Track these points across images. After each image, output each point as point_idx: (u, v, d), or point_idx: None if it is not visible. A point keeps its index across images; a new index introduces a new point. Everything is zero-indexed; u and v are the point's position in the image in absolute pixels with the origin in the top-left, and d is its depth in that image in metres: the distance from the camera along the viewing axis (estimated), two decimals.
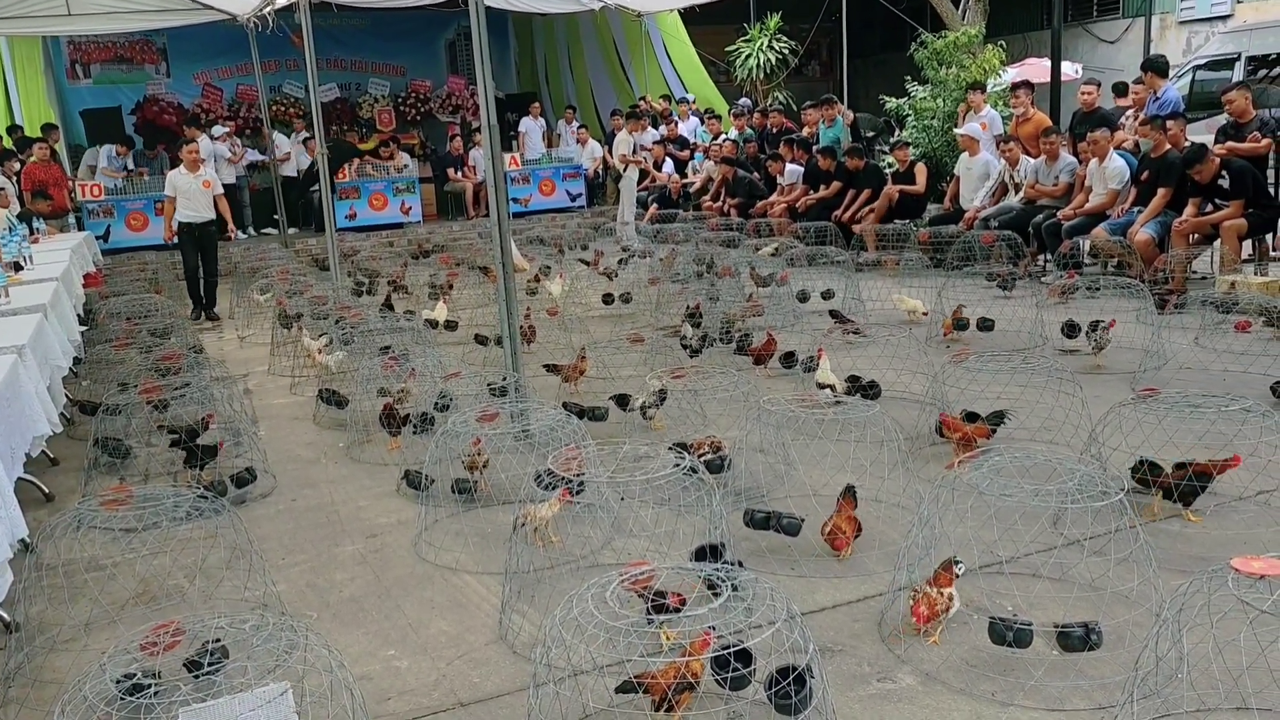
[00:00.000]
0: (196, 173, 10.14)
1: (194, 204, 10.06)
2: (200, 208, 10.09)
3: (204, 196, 10.08)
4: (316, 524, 4.78)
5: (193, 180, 10.07)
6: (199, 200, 10.08)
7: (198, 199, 10.08)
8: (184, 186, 10.03)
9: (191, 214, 10.05)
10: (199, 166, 10.26)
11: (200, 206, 10.09)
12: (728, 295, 8.81)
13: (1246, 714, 2.81)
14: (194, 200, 10.07)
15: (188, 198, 10.03)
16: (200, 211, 10.08)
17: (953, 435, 4.85)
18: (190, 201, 10.04)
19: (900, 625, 3.42)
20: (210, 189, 10.13)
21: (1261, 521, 4.11)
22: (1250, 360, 6.39)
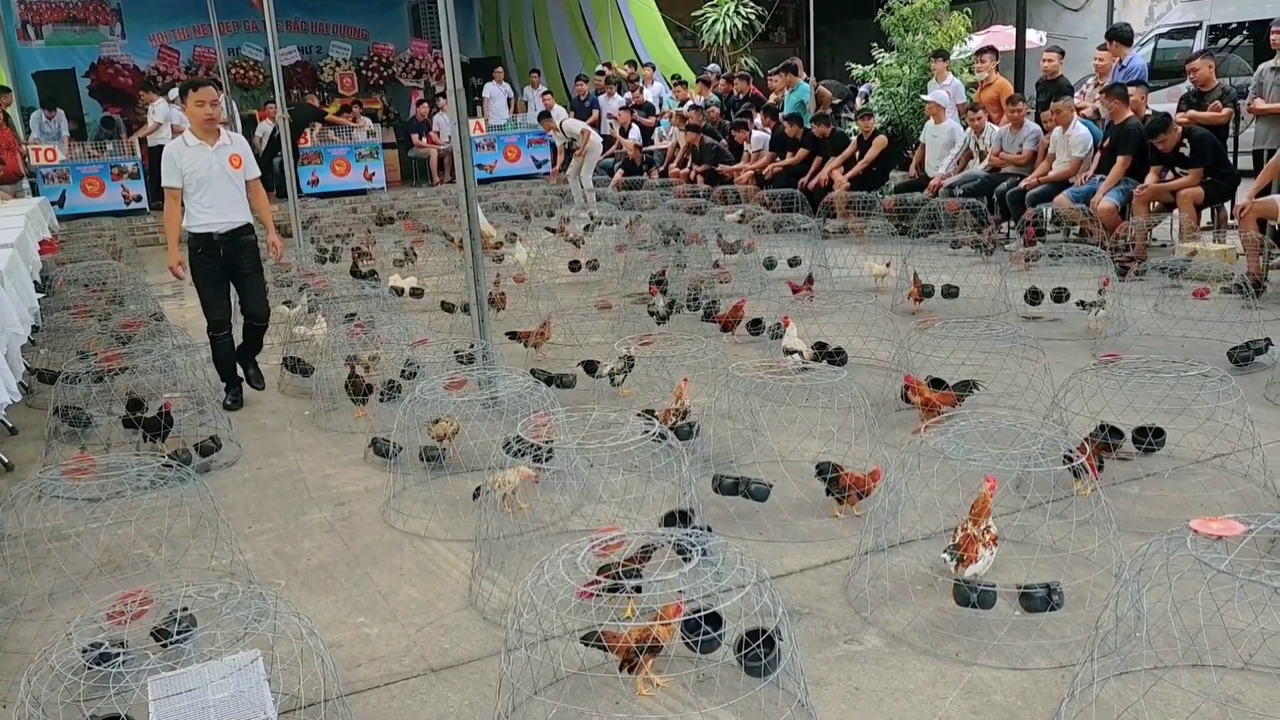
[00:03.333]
0: (216, 142, 5.80)
1: (215, 198, 5.81)
2: (226, 205, 5.85)
3: (230, 185, 5.86)
4: (283, 492, 4.75)
5: (211, 156, 5.78)
6: (223, 191, 5.84)
7: (221, 189, 5.82)
8: (196, 168, 5.77)
9: (212, 218, 5.82)
10: (218, 131, 5.88)
11: (226, 202, 5.85)
12: (695, 262, 8.81)
13: (1203, 671, 2.88)
14: (215, 191, 5.81)
15: (204, 188, 5.79)
16: (226, 213, 5.85)
17: (916, 400, 4.89)
18: (208, 195, 5.80)
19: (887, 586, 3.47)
20: (241, 169, 5.93)
21: (1218, 484, 4.20)
22: (1208, 327, 6.50)
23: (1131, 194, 8.92)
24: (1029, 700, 2.85)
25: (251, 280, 6.10)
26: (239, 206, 5.93)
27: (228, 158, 5.82)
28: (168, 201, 5.88)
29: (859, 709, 2.85)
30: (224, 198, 5.84)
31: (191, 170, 5.74)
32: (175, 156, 5.77)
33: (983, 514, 3.29)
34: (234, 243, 5.93)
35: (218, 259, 5.89)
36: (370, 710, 2.98)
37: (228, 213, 5.86)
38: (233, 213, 5.89)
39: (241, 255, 6.00)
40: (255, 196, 6.05)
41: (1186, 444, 4.49)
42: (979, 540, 3.26)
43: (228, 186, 5.84)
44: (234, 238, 5.92)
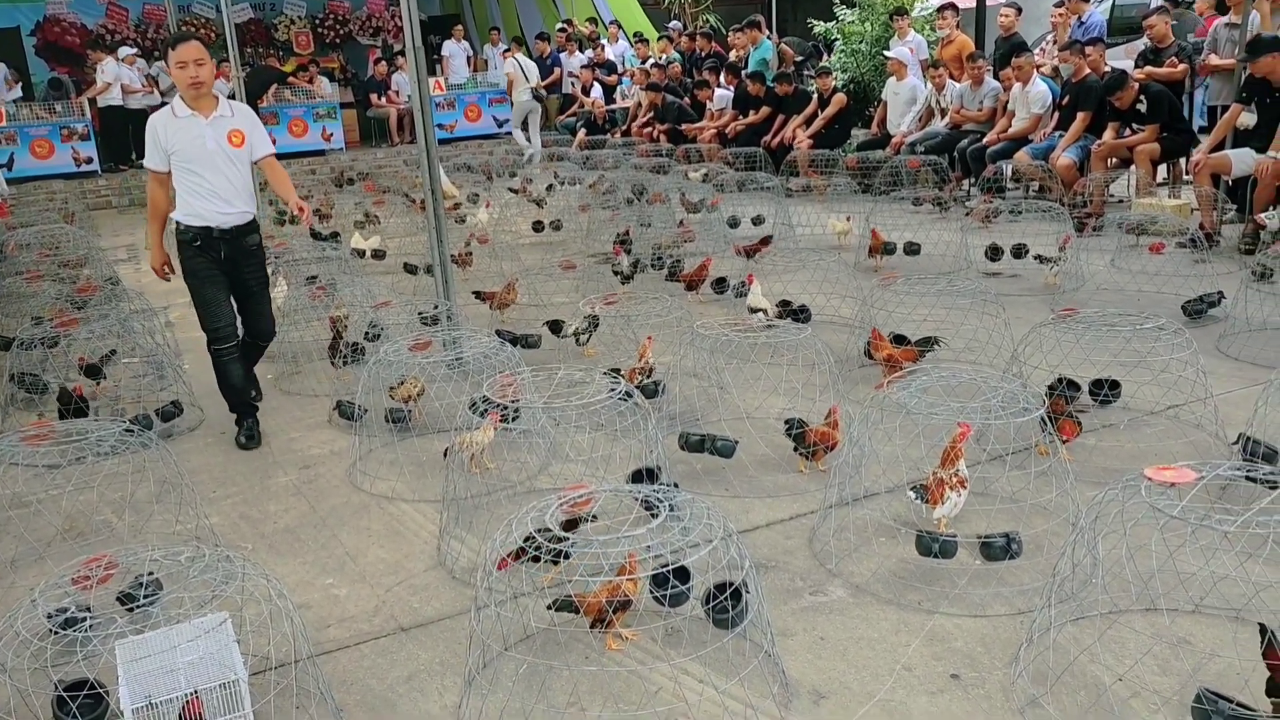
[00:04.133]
0: (211, 113, 4.57)
1: (211, 183, 4.59)
2: (226, 193, 4.63)
3: (231, 167, 4.62)
4: (247, 456, 4.72)
5: (204, 130, 4.55)
6: (221, 174, 4.60)
7: (218, 172, 4.59)
8: (186, 144, 4.55)
9: (209, 207, 4.60)
10: (215, 99, 4.62)
11: (225, 189, 4.62)
12: (658, 222, 8.80)
13: (1155, 614, 2.97)
14: (211, 175, 4.58)
15: (196, 171, 4.57)
16: (227, 202, 4.63)
17: (879, 355, 4.95)
18: (203, 179, 4.58)
19: (844, 540, 3.53)
20: (245, 147, 4.66)
21: (1172, 434, 4.30)
22: (1163, 281, 6.61)
23: (1089, 150, 9.00)
24: (989, 646, 2.92)
25: (257, 299, 4.88)
26: (243, 196, 4.65)
27: (225, 133, 4.56)
28: (150, 186, 4.71)
29: (824, 658, 2.91)
30: (223, 183, 4.57)
31: (180, 147, 4.51)
32: (159, 131, 4.53)
33: (955, 458, 3.35)
34: (237, 243, 4.66)
35: (217, 259, 4.66)
36: (341, 670, 3.00)
37: (229, 203, 4.60)
38: (235, 203, 4.62)
39: (246, 262, 4.73)
40: (272, 177, 4.87)
41: (1141, 396, 4.58)
42: (947, 483, 3.32)
43: (227, 169, 4.57)
44: (237, 237, 4.65)
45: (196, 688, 2.43)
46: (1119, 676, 2.72)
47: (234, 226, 4.65)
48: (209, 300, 4.69)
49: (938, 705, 2.68)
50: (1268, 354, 5.14)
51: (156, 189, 4.72)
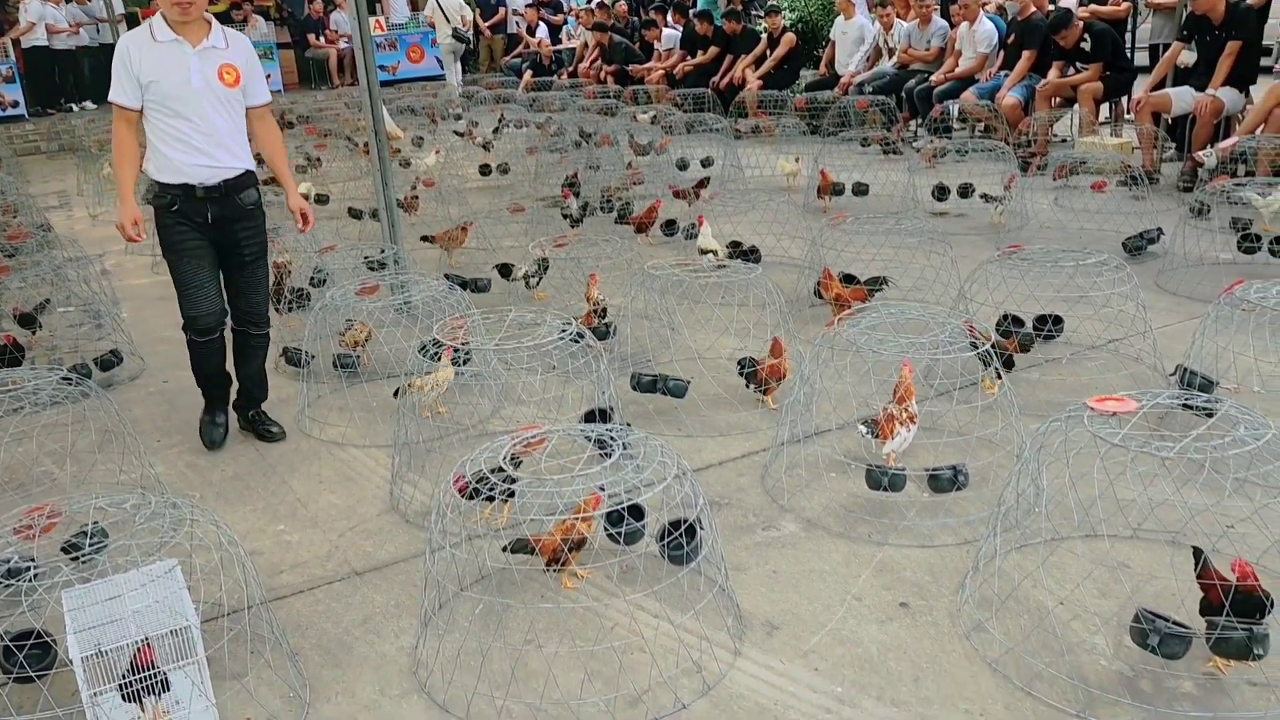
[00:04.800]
0: (201, 40, 3.70)
1: (197, 129, 3.72)
2: (215, 141, 3.76)
3: (222, 109, 3.77)
4: (192, 405, 4.62)
5: (190, 60, 3.68)
6: (210, 117, 3.74)
7: (206, 115, 3.73)
8: (165, 77, 3.66)
9: (192, 160, 3.74)
10: (207, 24, 3.75)
11: (215, 137, 3.76)
12: (607, 164, 8.71)
13: (1096, 540, 3.06)
14: (197, 118, 3.71)
15: (177, 112, 3.70)
16: (215, 154, 3.77)
17: (828, 295, 4.97)
18: (185, 123, 3.71)
19: (788, 478, 3.57)
20: (239, 86, 3.80)
21: (1112, 367, 4.39)
22: (1105, 218, 6.71)
23: (1034, 90, 9.06)
24: (936, 575, 2.99)
25: (249, 272, 3.96)
26: (236, 144, 3.77)
27: (217, 67, 3.67)
28: (116, 127, 3.74)
29: (777, 590, 2.96)
30: (209, 131, 3.67)
31: (157, 79, 3.58)
32: (132, 55, 3.58)
33: (906, 395, 3.40)
34: (227, 202, 3.77)
35: (202, 225, 3.77)
36: (295, 615, 2.98)
37: (217, 154, 3.71)
38: (225, 154, 3.73)
39: (239, 226, 3.83)
40: (263, 133, 3.93)
41: (1084, 330, 4.67)
42: (897, 418, 3.37)
43: (215, 114, 3.68)
44: (227, 195, 3.76)
45: (147, 635, 2.40)
46: (1061, 600, 2.80)
47: (222, 183, 3.75)
48: (188, 279, 3.81)
49: (887, 633, 2.74)
50: (1204, 288, 5.26)
51: (124, 130, 3.72)
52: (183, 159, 3.70)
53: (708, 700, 2.53)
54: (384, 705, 2.58)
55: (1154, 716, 2.37)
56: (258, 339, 4.13)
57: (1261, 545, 2.83)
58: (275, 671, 2.70)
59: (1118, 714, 2.39)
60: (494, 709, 2.52)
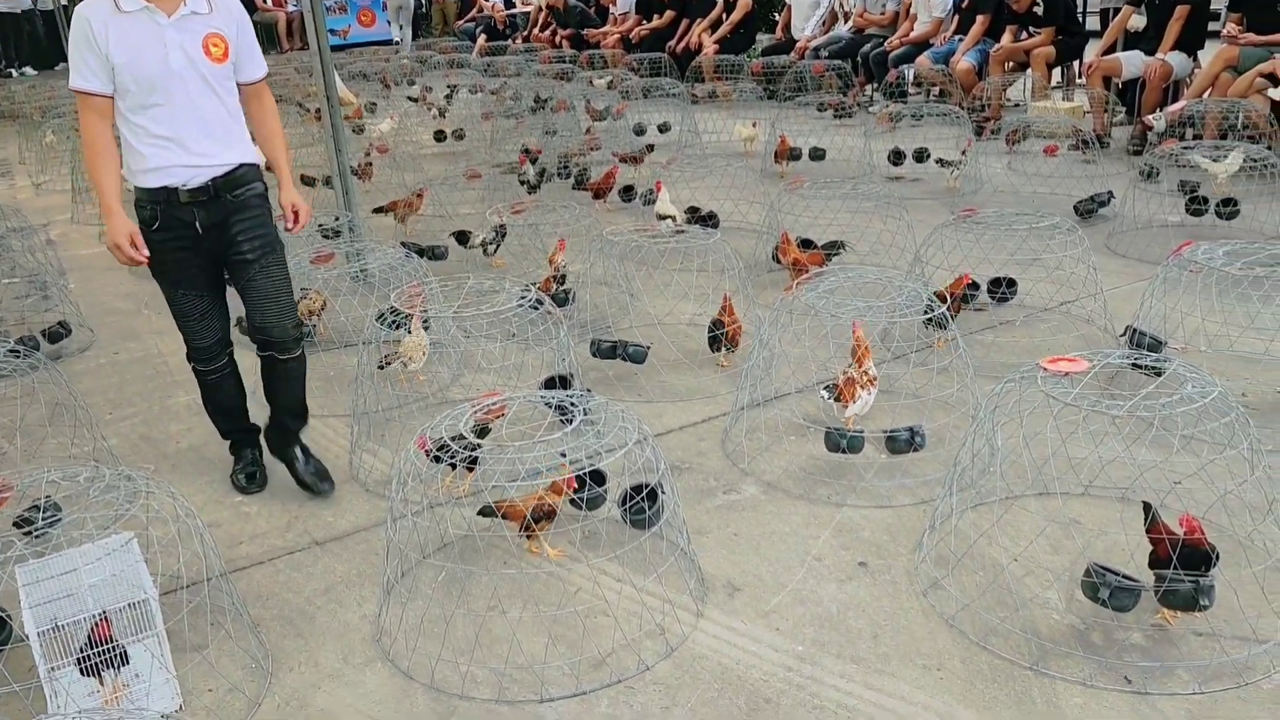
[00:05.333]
0: (177, 8, 2.95)
1: (177, 118, 2.98)
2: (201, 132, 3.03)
3: (207, 92, 3.02)
4: (144, 376, 4.56)
5: (165, 33, 2.93)
6: (193, 103, 3.00)
7: (188, 101, 2.99)
8: (136, 55, 2.90)
9: (175, 158, 3.01)
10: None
11: (200, 126, 3.02)
12: (564, 130, 8.64)
13: (1049, 498, 3.12)
14: (176, 104, 2.98)
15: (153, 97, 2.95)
16: (202, 146, 3.04)
17: (786, 259, 4.99)
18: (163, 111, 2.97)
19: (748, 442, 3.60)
20: (228, 61, 3.06)
21: (1064, 329, 4.47)
22: (1057, 182, 6.79)
23: (988, 54, 9.11)
24: (894, 534, 3.04)
25: (263, 272, 3.20)
26: (226, 133, 3.06)
27: (202, 39, 2.95)
28: (84, 119, 2.97)
29: (738, 552, 2.99)
30: (194, 120, 2.98)
31: (128, 60, 2.88)
32: (94, 28, 2.86)
33: (864, 357, 3.43)
34: (220, 203, 3.07)
35: (191, 235, 3.08)
36: (255, 586, 2.97)
37: (205, 147, 3.02)
38: (214, 145, 3.03)
39: (236, 224, 3.12)
40: (258, 113, 3.26)
41: (1036, 293, 4.74)
42: (858, 382, 3.41)
43: (201, 98, 2.98)
44: (219, 194, 3.06)
45: (104, 608, 2.37)
46: (1015, 557, 2.86)
47: (211, 182, 3.03)
48: (187, 308, 3.21)
49: (846, 592, 2.79)
50: (1153, 250, 5.35)
51: (96, 123, 2.93)
52: (161, 156, 2.96)
53: (671, 662, 2.55)
54: (347, 674, 2.58)
55: (1104, 667, 2.44)
56: (288, 365, 3.32)
57: (1207, 500, 2.91)
58: (236, 643, 2.68)
59: (1069, 666, 2.46)
60: (458, 675, 2.53)
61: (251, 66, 3.17)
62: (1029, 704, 2.36)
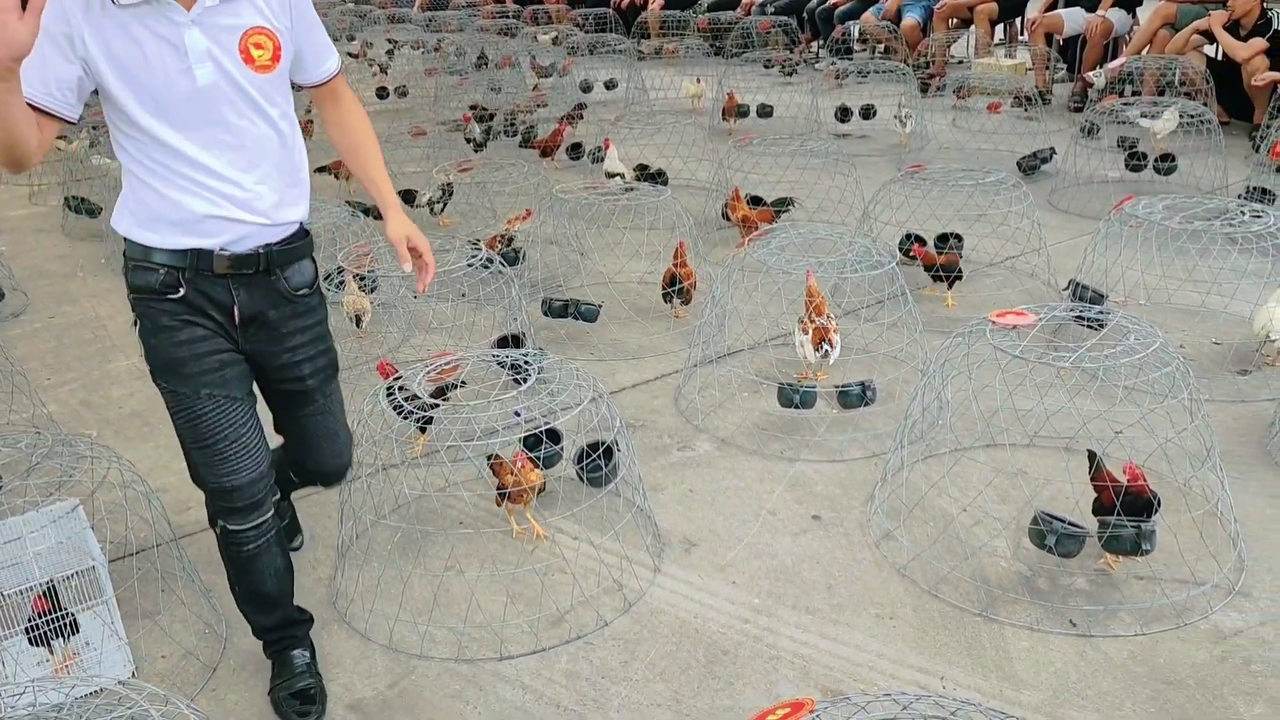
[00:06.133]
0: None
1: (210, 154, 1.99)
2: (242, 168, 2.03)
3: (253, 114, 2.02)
4: (82, 341, 4.45)
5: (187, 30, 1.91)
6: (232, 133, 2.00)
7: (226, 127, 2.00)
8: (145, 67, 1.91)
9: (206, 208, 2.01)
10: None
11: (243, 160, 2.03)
12: (509, 87, 8.52)
13: (996, 449, 3.19)
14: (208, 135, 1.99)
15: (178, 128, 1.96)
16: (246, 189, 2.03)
17: (735, 216, 5.00)
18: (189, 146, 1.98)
19: (701, 400, 3.61)
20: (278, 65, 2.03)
21: (1009, 284, 4.54)
22: (1000, 139, 6.86)
23: (932, 11, 9.14)
24: (846, 488, 3.08)
25: (324, 404, 2.36)
26: (283, 174, 2.13)
27: (239, 40, 1.99)
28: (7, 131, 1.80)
29: (694, 508, 3.02)
30: (232, 154, 2.04)
31: (125, 66, 1.94)
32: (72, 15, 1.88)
33: (820, 307, 3.46)
34: (270, 286, 2.16)
35: (222, 322, 2.14)
36: (206, 551, 2.92)
37: (254, 194, 2.07)
38: (268, 191, 2.09)
39: (291, 333, 2.23)
40: (337, 118, 2.36)
41: (982, 248, 4.80)
42: (829, 328, 3.45)
43: (244, 118, 2.03)
44: (271, 270, 2.14)
45: (51, 576, 2.33)
46: (964, 507, 2.92)
47: (262, 248, 2.10)
48: (208, 417, 2.14)
49: (800, 544, 2.83)
50: (1094, 206, 5.44)
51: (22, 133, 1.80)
52: (192, 202, 2.00)
53: (629, 617, 2.58)
54: None
55: (1050, 612, 2.51)
56: (329, 468, 2.46)
57: (1148, 448, 2.99)
58: (189, 608, 2.65)
59: (1017, 611, 2.52)
60: (417, 635, 2.53)
61: (316, 61, 2.19)
62: (979, 649, 2.42)
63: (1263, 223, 3.72)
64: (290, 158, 2.13)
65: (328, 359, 2.33)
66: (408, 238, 2.38)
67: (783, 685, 2.33)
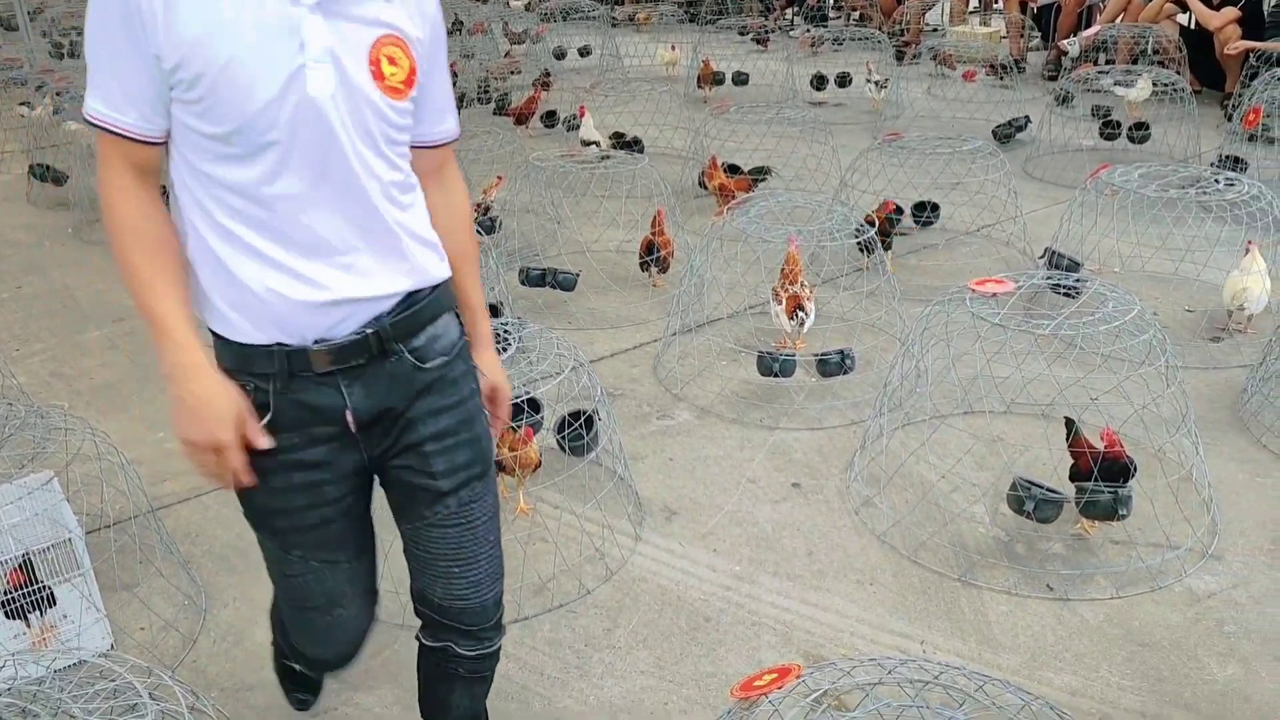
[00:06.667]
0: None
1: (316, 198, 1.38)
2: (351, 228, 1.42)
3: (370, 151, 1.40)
4: (51, 311, 4.37)
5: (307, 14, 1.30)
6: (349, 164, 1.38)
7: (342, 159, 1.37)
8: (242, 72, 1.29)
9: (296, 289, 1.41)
10: None
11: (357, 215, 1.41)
12: (482, 53, 8.41)
13: (974, 417, 3.22)
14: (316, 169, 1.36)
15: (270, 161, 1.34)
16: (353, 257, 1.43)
17: (712, 184, 4.97)
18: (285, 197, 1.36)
19: (680, 369, 3.61)
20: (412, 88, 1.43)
21: (985, 252, 4.56)
22: (975, 107, 6.87)
23: None
24: (825, 455, 3.09)
25: (461, 513, 1.63)
26: (401, 235, 1.48)
27: (370, 45, 1.38)
28: (110, 171, 1.40)
29: (674, 476, 3.02)
30: (348, 201, 1.42)
31: (213, 73, 1.30)
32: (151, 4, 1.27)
33: (796, 275, 3.46)
34: (392, 369, 1.52)
35: (332, 440, 1.53)
36: (184, 523, 2.90)
37: (365, 262, 1.46)
38: (380, 255, 1.47)
39: (422, 418, 1.56)
40: (439, 199, 1.62)
41: (958, 217, 4.81)
42: (802, 296, 3.44)
43: (359, 158, 1.40)
44: (388, 348, 1.50)
45: (27, 549, 2.29)
46: (942, 474, 2.94)
47: (375, 329, 1.48)
48: (293, 587, 1.73)
49: (780, 512, 2.84)
50: (1068, 174, 5.47)
51: (132, 185, 1.41)
52: (278, 281, 1.43)
53: (611, 585, 2.58)
54: None
55: (1028, 576, 2.54)
56: (473, 663, 1.78)
57: (1123, 415, 3.02)
58: (168, 580, 2.63)
59: (995, 576, 2.55)
60: (398, 604, 2.51)
61: (434, 112, 1.56)
62: (958, 613, 2.45)
63: (1236, 190, 3.75)
64: (411, 209, 1.50)
65: (473, 452, 1.61)
66: (494, 388, 1.72)
67: (765, 651, 2.35)
